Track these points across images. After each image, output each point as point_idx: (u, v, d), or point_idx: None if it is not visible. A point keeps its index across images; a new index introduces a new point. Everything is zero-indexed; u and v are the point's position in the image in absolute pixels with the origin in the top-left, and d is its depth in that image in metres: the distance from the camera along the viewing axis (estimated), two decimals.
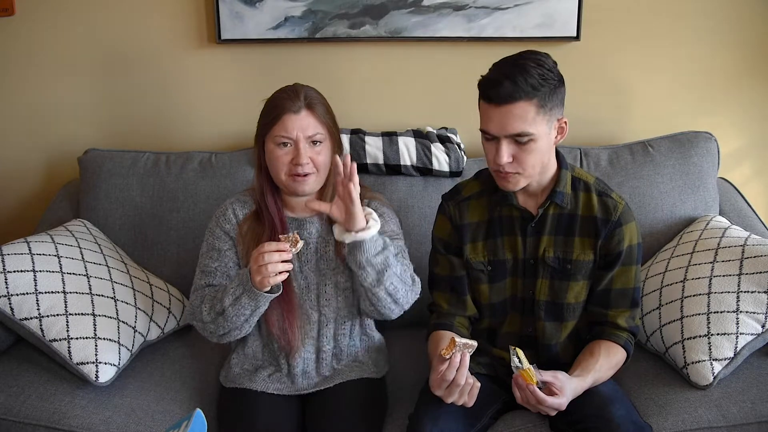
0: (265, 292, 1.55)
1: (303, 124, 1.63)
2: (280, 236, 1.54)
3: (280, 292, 1.58)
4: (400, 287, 1.60)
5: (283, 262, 1.50)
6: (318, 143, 1.65)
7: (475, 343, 1.42)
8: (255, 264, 1.51)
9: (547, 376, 1.48)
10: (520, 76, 1.43)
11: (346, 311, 1.72)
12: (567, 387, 1.47)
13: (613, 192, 1.63)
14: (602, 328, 1.63)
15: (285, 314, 1.67)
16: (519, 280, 1.64)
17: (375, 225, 1.55)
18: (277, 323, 1.68)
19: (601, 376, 1.56)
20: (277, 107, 1.65)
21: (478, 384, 1.45)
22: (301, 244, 1.53)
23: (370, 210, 1.58)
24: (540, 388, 1.46)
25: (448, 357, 1.41)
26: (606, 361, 1.57)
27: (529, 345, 1.67)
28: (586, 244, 1.60)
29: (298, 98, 1.64)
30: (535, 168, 1.52)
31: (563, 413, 1.49)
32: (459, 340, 1.41)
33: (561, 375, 1.49)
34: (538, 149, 1.49)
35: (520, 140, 1.47)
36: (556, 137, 1.54)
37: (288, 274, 1.53)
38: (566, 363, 1.62)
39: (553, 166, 1.60)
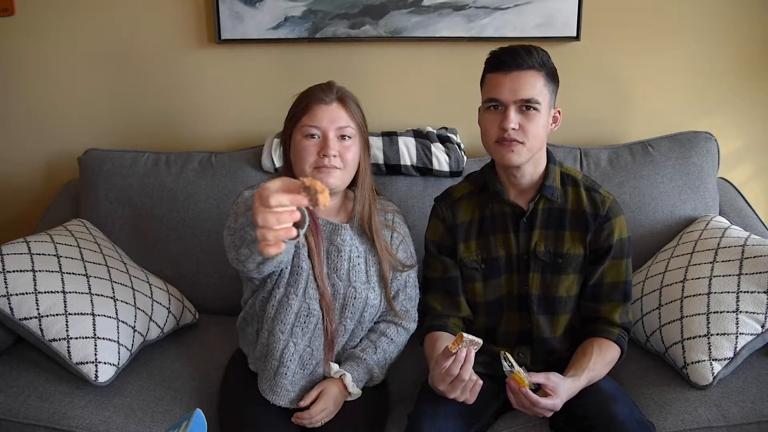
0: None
1: (333, 116, 1.60)
2: (303, 180, 1.08)
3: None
4: (394, 359, 1.73)
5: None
6: (347, 138, 1.61)
7: (480, 341, 1.42)
8: (263, 218, 1.06)
9: (539, 377, 1.48)
10: (533, 49, 1.54)
11: (364, 326, 1.71)
12: (560, 388, 1.47)
13: (601, 187, 1.66)
14: (595, 324, 1.64)
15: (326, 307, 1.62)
16: (514, 276, 1.65)
17: (355, 393, 1.63)
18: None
19: (596, 374, 1.56)
20: (308, 97, 1.62)
21: (481, 382, 1.46)
22: (325, 197, 1.07)
23: (345, 379, 1.61)
24: (534, 391, 1.46)
25: (454, 352, 1.41)
26: (599, 358, 1.57)
27: (526, 342, 1.67)
28: (576, 238, 1.62)
29: (331, 91, 1.63)
30: (537, 141, 1.55)
31: (565, 412, 1.49)
32: (466, 336, 1.41)
33: (553, 376, 1.49)
34: (540, 122, 1.54)
35: (527, 106, 1.51)
36: (551, 125, 1.59)
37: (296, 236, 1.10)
38: (565, 358, 1.62)
39: (543, 159, 1.62)
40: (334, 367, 1.63)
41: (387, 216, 1.75)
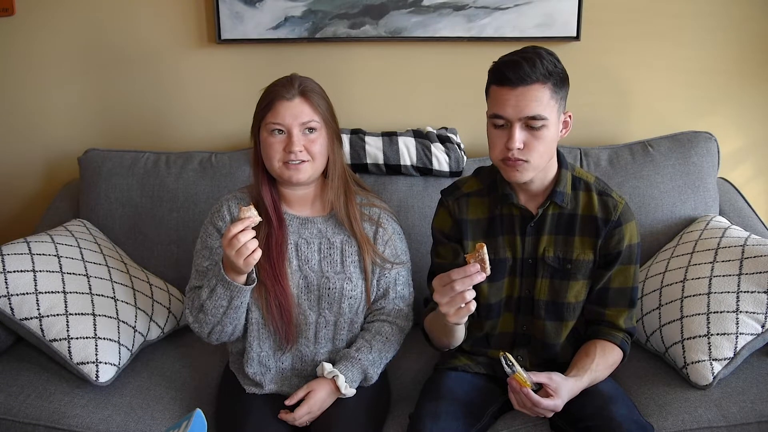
0: (242, 284, 1.55)
1: (296, 111, 1.62)
2: (242, 207, 1.50)
3: (255, 283, 1.58)
4: (390, 358, 1.72)
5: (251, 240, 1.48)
6: (312, 131, 1.64)
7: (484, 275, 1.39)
8: (232, 249, 1.46)
9: (542, 377, 1.47)
10: (537, 59, 1.46)
11: (348, 317, 1.71)
12: (562, 388, 1.47)
13: (613, 191, 1.63)
14: (599, 327, 1.63)
15: (282, 310, 1.65)
16: (517, 279, 1.64)
17: (348, 394, 1.62)
18: (276, 315, 1.66)
19: (598, 375, 1.56)
20: (270, 94, 1.65)
21: (473, 308, 1.41)
22: (254, 214, 1.48)
23: (338, 379, 1.61)
24: (535, 391, 1.46)
25: (469, 261, 1.38)
26: (602, 360, 1.57)
27: (523, 344, 1.67)
28: (586, 244, 1.60)
29: (292, 86, 1.64)
30: (543, 158, 1.51)
31: (564, 412, 1.49)
32: (484, 249, 1.38)
33: (555, 376, 1.48)
34: (548, 137, 1.49)
35: (533, 125, 1.46)
36: (561, 131, 1.55)
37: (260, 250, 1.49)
38: (565, 362, 1.61)
39: (554, 165, 1.59)
40: (327, 367, 1.63)
41: (373, 210, 1.76)
